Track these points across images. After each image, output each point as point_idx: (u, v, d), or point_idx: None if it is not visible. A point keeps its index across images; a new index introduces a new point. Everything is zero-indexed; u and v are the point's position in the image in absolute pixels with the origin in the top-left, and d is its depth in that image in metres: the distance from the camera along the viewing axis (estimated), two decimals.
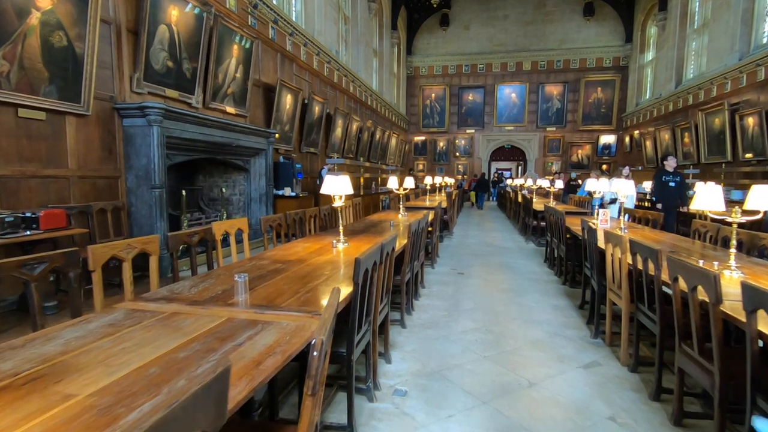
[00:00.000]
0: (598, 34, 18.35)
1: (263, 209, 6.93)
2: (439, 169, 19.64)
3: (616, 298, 2.80)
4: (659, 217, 4.44)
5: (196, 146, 5.54)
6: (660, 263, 2.15)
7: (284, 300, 1.72)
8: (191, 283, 1.97)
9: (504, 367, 2.63)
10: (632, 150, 16.96)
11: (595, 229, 3.08)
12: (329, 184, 2.94)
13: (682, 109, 12.93)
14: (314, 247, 3.02)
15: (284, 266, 2.38)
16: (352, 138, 11.96)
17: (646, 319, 2.43)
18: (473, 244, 7.67)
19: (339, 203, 3.05)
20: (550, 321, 3.50)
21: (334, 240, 3.10)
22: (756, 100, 9.63)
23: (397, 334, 3.17)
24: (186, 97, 5.53)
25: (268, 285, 1.96)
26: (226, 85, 6.36)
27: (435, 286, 4.65)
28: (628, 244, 2.53)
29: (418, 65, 19.96)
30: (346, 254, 2.84)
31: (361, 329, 1.99)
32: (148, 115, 4.55)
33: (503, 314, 3.69)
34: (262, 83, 7.54)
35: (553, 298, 4.16)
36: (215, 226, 2.83)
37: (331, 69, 10.69)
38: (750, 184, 8.32)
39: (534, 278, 5.02)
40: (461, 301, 4.09)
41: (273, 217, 3.55)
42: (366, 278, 1.94)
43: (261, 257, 2.66)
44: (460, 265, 5.72)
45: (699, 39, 13.01)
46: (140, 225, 4.73)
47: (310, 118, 9.31)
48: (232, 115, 6.49)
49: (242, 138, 6.35)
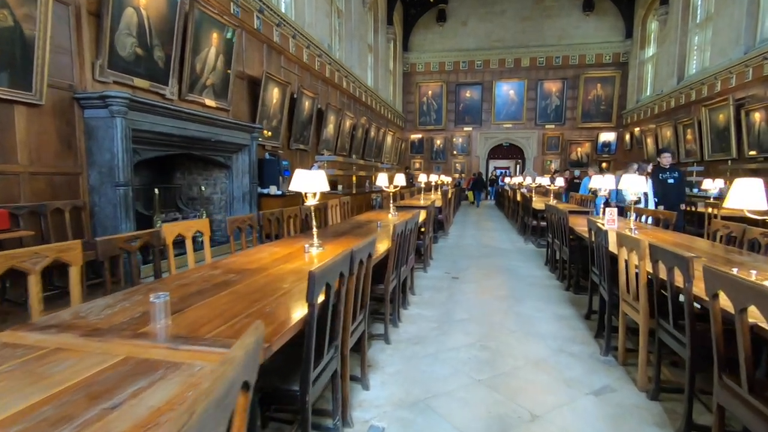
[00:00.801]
0: (598, 30, 17.97)
1: (247, 209, 6.53)
2: (436, 167, 19.24)
3: (632, 311, 2.41)
4: (671, 216, 4.05)
5: (171, 141, 5.13)
6: (691, 274, 1.76)
7: (215, 327, 1.33)
8: (107, 302, 1.57)
9: (501, 394, 2.24)
10: (633, 148, 16.61)
11: (605, 231, 2.69)
12: (299, 179, 2.54)
13: (685, 105, 12.58)
14: (283, 252, 2.62)
15: (237, 277, 1.98)
16: (345, 135, 11.55)
17: (670, 338, 2.04)
18: (469, 245, 7.28)
19: (312, 202, 2.65)
20: (553, 334, 3.11)
21: (308, 244, 2.70)
22: (763, 94, 9.27)
23: (379, 351, 2.77)
24: (158, 87, 5.11)
25: (204, 305, 1.56)
26: (205, 77, 5.95)
27: (426, 292, 4.26)
28: (647, 250, 2.14)
29: (415, 62, 19.56)
30: (320, 260, 2.45)
31: (322, 359, 1.59)
32: (110, 106, 4.13)
33: (500, 326, 3.30)
34: (246, 75, 7.13)
35: (556, 306, 3.77)
36: (166, 229, 2.43)
37: (323, 63, 10.28)
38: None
39: (534, 283, 4.63)
40: (454, 310, 3.69)
41: (242, 218, 3.15)
42: (329, 295, 1.55)
43: (215, 265, 2.26)
44: (455, 269, 5.32)
45: (702, 33, 12.66)
46: (104, 226, 4.32)
47: (299, 114, 8.90)
48: (212, 109, 6.08)
49: (223, 133, 5.94)
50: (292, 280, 1.94)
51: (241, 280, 1.92)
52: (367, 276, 2.15)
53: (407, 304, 3.77)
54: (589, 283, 3.40)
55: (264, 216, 3.50)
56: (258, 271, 2.11)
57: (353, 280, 1.82)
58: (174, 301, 1.56)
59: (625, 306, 2.51)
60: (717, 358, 1.57)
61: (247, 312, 1.47)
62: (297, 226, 4.24)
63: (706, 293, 1.58)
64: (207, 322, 1.37)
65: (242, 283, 1.87)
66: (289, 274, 2.06)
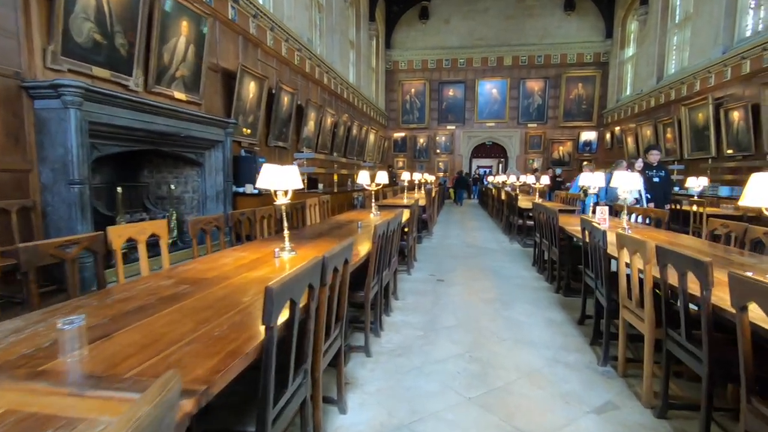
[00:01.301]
0: (579, 30, 18.08)
1: (221, 208, 6.16)
2: (419, 166, 19.04)
3: (635, 319, 2.21)
4: (663, 215, 3.91)
5: (135, 136, 4.75)
6: (710, 280, 1.55)
7: (144, 359, 1.04)
8: (17, 324, 1.26)
9: (495, 415, 2.01)
10: (613, 147, 16.75)
11: (603, 231, 2.48)
12: (268, 175, 2.26)
13: (664, 104, 12.69)
14: (250, 258, 2.33)
15: (190, 289, 1.69)
16: (326, 132, 11.23)
17: (681, 351, 1.84)
18: (454, 245, 7.08)
19: (283, 201, 2.36)
20: (546, 341, 2.91)
21: (278, 248, 2.41)
22: (741, 94, 9.36)
23: (359, 366, 2.51)
24: (121, 77, 4.72)
25: (139, 327, 1.27)
26: (174, 67, 5.57)
27: (411, 296, 4.01)
28: (654, 252, 1.94)
29: (397, 59, 19.33)
30: (292, 266, 2.18)
31: (287, 390, 1.32)
32: (63, 96, 3.75)
33: (490, 333, 3.07)
34: (220, 68, 6.76)
35: (547, 311, 3.58)
36: (112, 233, 2.12)
37: (303, 58, 9.94)
38: (738, 180, 7.94)
39: (522, 285, 4.44)
40: (440, 315, 3.45)
41: (206, 219, 2.84)
42: (294, 312, 1.28)
43: (169, 274, 1.96)
44: (440, 270, 5.10)
45: (681, 33, 12.79)
46: (58, 228, 3.92)
47: (278, 110, 8.55)
48: (182, 102, 5.71)
49: (194, 128, 5.57)
50: (255, 292, 1.66)
51: (194, 293, 1.63)
52: (343, 284, 1.88)
53: (390, 310, 3.52)
54: (582, 286, 3.21)
55: (233, 216, 3.19)
56: (216, 281, 1.82)
57: (326, 291, 1.55)
58: (103, 323, 1.27)
59: (626, 313, 2.31)
60: (745, 378, 1.37)
61: (190, 337, 1.19)
62: (272, 228, 3.94)
63: (732, 304, 1.37)
64: (136, 352, 1.08)
65: (194, 297, 1.58)
66: (252, 284, 1.78)
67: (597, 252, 2.63)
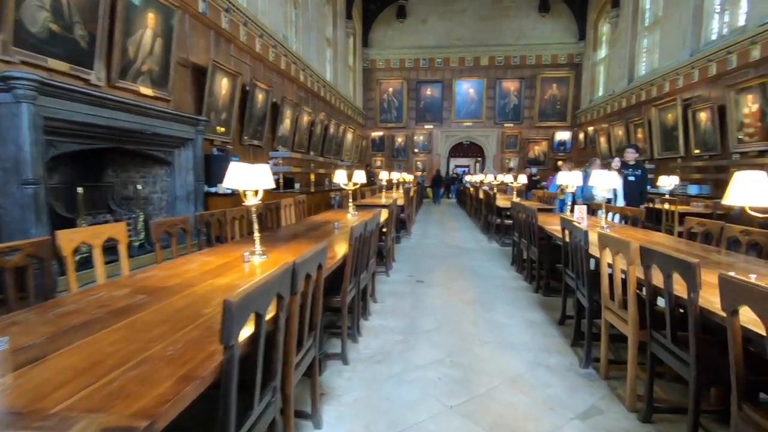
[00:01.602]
0: (553, 31, 18.39)
1: (192, 209, 5.90)
2: (397, 165, 18.98)
3: (618, 320, 2.17)
4: (639, 213, 3.93)
5: (96, 132, 4.47)
6: (698, 282, 1.50)
7: (76, 390, 0.89)
8: None
9: (478, 425, 1.92)
10: (587, 146, 17.11)
11: (585, 231, 2.44)
12: (235, 174, 2.11)
13: (635, 105, 13.01)
14: (217, 263, 2.17)
15: (146, 300, 1.53)
16: (302, 131, 11.01)
17: (667, 354, 1.79)
18: (433, 244, 7.02)
19: (253, 201, 2.22)
20: (527, 344, 2.85)
21: (248, 252, 2.26)
22: (708, 95, 9.66)
23: (336, 375, 2.39)
24: (81, 71, 4.44)
25: (79, 347, 1.11)
26: (140, 61, 5.29)
27: (389, 298, 3.91)
28: (637, 252, 1.89)
29: (375, 58, 19.22)
30: (263, 271, 2.03)
31: (252, 412, 1.19)
32: (14, 89, 3.46)
33: (471, 336, 3.00)
34: (191, 63, 6.49)
35: (527, 311, 3.53)
36: (61, 237, 1.93)
37: (278, 54, 9.70)
38: (705, 179, 8.15)
39: (502, 285, 4.40)
40: (420, 318, 3.36)
41: (171, 221, 2.66)
42: (260, 327, 1.15)
43: (125, 282, 1.79)
44: (419, 271, 5.02)
45: (650, 36, 13.14)
46: (10, 232, 3.63)
47: (252, 107, 8.31)
48: (149, 98, 5.44)
49: (161, 125, 5.31)
50: (219, 302, 1.50)
51: (151, 304, 1.47)
52: (317, 291, 1.76)
53: (368, 313, 3.40)
54: (562, 286, 3.17)
55: (202, 218, 3.01)
56: (177, 290, 1.66)
57: (297, 300, 1.43)
58: (38, 343, 1.11)
59: (609, 314, 2.27)
60: (736, 384, 1.32)
61: (138, 358, 1.04)
62: (244, 229, 3.76)
63: (723, 307, 1.31)
64: (71, 378, 0.93)
65: (150, 309, 1.43)
66: (217, 293, 1.63)
67: (578, 252, 2.58)
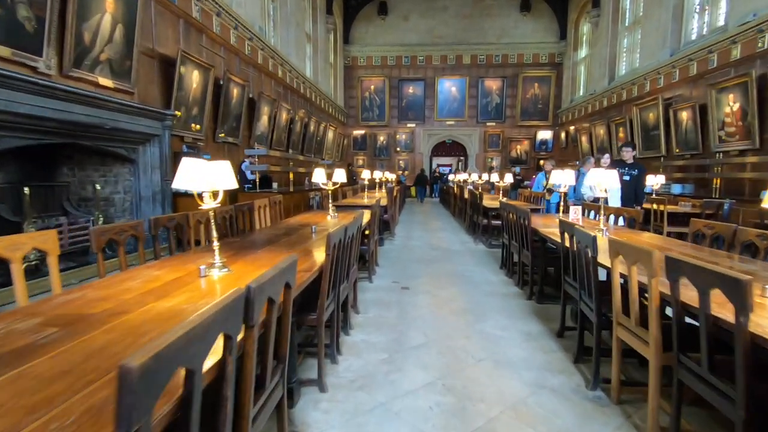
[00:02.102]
0: (535, 30, 18.37)
1: (158, 210, 5.47)
2: (380, 164, 18.66)
3: (635, 340, 1.90)
4: (638, 214, 3.72)
5: (45, 126, 4.03)
6: (749, 304, 1.24)
7: None
8: None
9: None
10: (568, 146, 17.14)
11: (593, 237, 2.17)
12: (185, 172, 1.75)
13: (617, 104, 13.04)
14: (166, 278, 1.82)
15: (57, 334, 1.17)
16: (281, 128, 10.58)
17: (700, 384, 1.52)
18: (418, 246, 6.74)
19: (210, 204, 1.87)
20: (526, 361, 2.58)
21: (204, 265, 1.91)
22: (689, 94, 9.68)
23: (311, 406, 2.05)
24: (27, 58, 3.97)
25: None
26: (99, 49, 4.82)
27: (373, 308, 3.59)
28: (660, 263, 1.63)
29: (356, 55, 18.84)
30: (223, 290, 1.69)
31: None
32: None
33: (464, 353, 2.71)
34: (158, 54, 6.03)
35: (522, 321, 3.27)
36: None
37: (254, 48, 9.25)
38: (686, 178, 8.04)
39: (493, 291, 4.13)
40: (407, 332, 3.06)
41: (118, 227, 2.27)
42: (191, 387, 0.82)
43: (42, 307, 1.42)
44: (405, 277, 4.71)
45: (631, 36, 13.19)
46: None
47: (227, 102, 7.86)
48: (109, 90, 4.97)
49: (122, 119, 4.87)
50: (155, 336, 1.17)
51: (59, 343, 1.12)
52: (285, 316, 1.43)
53: (349, 327, 3.07)
54: (561, 295, 2.92)
55: (158, 222, 2.63)
56: (103, 319, 1.31)
57: (254, 334, 1.09)
58: None
59: (622, 331, 2.01)
60: None
61: None
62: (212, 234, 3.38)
63: None
64: None
65: (54, 352, 1.07)
66: (153, 324, 1.28)
67: (582, 259, 2.32)
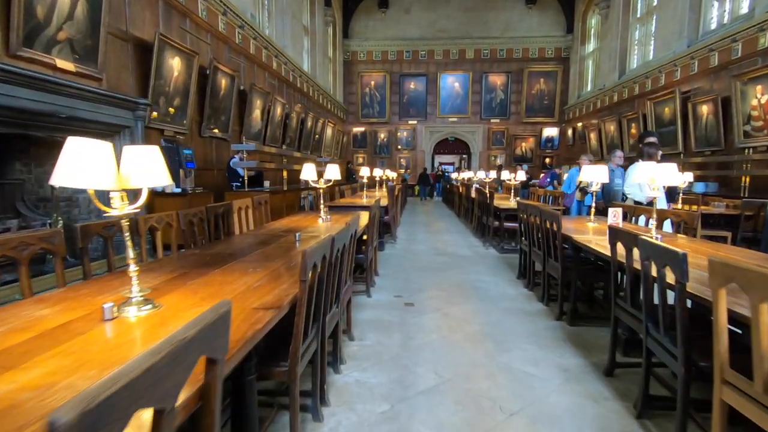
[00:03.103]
0: (540, 24, 17.74)
1: None
2: (380, 162, 18.04)
3: (759, 412, 1.27)
4: (692, 219, 3.09)
5: None
6: None
7: None
8: None
9: None
10: (575, 143, 16.52)
11: (683, 255, 1.52)
12: (69, 160, 1.12)
13: (628, 99, 12.44)
14: (53, 322, 1.19)
15: None
16: (276, 123, 9.94)
17: None
18: (422, 251, 6.11)
19: (124, 210, 1.24)
20: (573, 414, 1.95)
21: (112, 302, 1.28)
22: (710, 87, 9.07)
23: None
24: None
25: None
26: (55, 27, 4.19)
27: (371, 332, 2.96)
28: None
29: (356, 50, 18.20)
30: (127, 344, 1.06)
31: None
32: None
33: (489, 401, 2.08)
34: (132, 37, 5.39)
35: (556, 352, 2.63)
36: None
37: (246, 37, 8.61)
38: (707, 176, 7.30)
39: (513, 309, 3.50)
40: (414, 369, 2.42)
41: (17, 238, 1.65)
42: None
43: None
44: (408, 289, 4.08)
45: (643, 27, 12.59)
46: None
47: (214, 93, 7.24)
48: (70, 74, 4.34)
49: (83, 107, 4.25)
50: None
51: None
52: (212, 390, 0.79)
53: (341, 361, 2.44)
54: (612, 320, 2.28)
55: (87, 231, 2.00)
56: None
57: None
58: None
59: (734, 396, 1.37)
60: None
61: None
62: (173, 241, 2.75)
63: None
64: None
65: None
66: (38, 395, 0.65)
67: (651, 283, 1.69)
